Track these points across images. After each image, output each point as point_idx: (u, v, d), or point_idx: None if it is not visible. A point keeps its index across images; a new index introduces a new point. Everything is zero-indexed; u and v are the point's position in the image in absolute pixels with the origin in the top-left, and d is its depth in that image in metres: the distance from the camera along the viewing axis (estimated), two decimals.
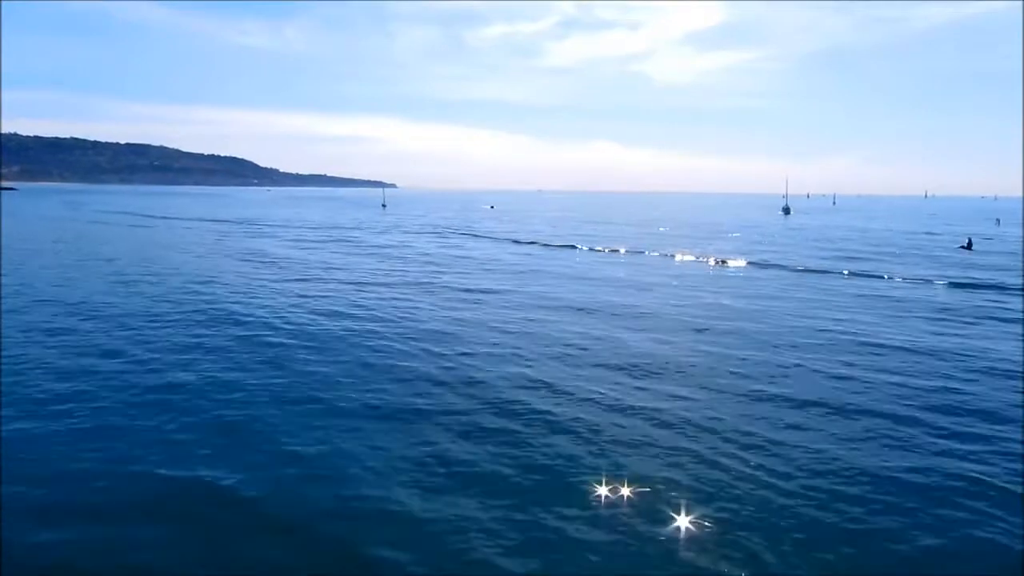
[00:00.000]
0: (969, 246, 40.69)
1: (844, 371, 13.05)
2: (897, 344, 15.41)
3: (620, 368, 13.11)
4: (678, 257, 35.74)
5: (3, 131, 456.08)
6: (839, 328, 17.11)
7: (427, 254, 36.38)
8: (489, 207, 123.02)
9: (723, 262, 33.27)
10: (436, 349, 14.47)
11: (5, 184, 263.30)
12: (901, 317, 18.89)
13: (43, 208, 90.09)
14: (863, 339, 15.90)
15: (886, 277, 27.61)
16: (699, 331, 16.84)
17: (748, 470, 8.35)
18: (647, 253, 38.15)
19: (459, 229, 59.15)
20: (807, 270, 30.26)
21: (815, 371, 13.07)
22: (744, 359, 13.92)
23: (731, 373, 12.86)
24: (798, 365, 13.50)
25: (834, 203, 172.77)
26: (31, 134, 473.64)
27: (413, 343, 15.03)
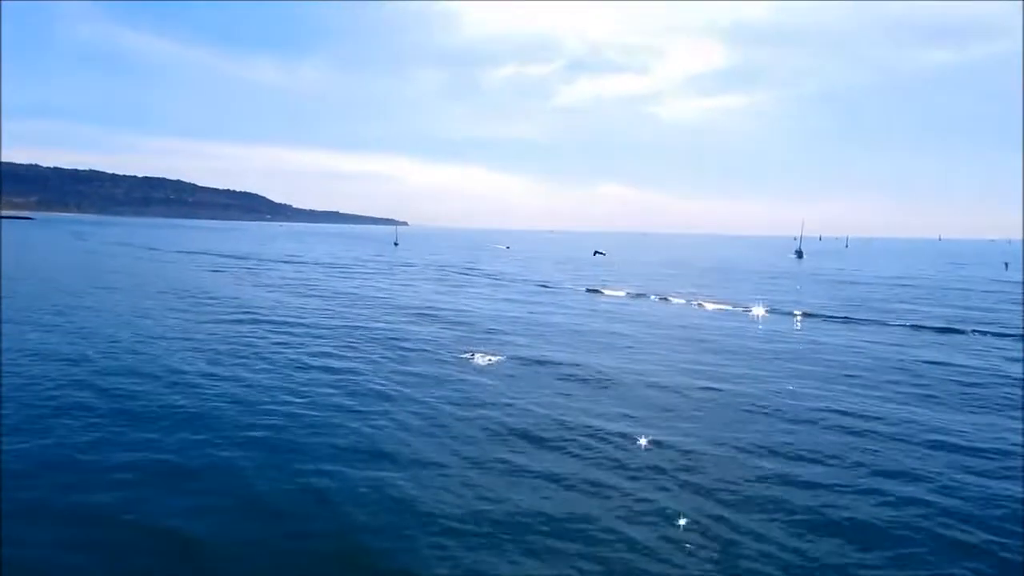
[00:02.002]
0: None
1: None
2: None
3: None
4: (756, 311, 30.61)
5: (23, 161, 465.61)
6: None
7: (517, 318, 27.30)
8: (505, 247, 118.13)
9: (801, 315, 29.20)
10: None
11: (23, 213, 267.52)
12: None
13: (49, 237, 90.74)
14: None
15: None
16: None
17: None
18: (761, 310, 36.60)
19: (511, 277, 57.96)
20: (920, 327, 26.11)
21: None
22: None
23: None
24: None
25: (847, 246, 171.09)
26: (50, 165, 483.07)
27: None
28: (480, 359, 17.78)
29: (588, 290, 38.92)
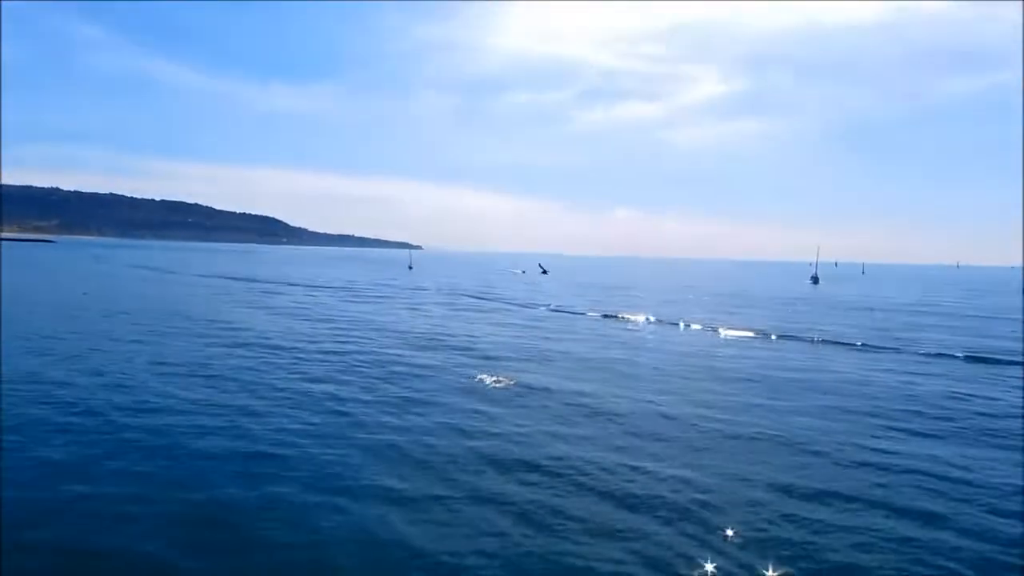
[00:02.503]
0: None
1: None
2: None
3: None
4: (773, 338, 30.47)
5: (45, 185, 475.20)
6: None
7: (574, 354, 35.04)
8: (520, 271, 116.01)
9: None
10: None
11: (45, 237, 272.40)
12: None
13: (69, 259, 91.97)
14: None
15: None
16: None
17: None
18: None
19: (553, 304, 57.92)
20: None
21: None
22: None
23: None
24: None
25: (863, 272, 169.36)
26: (72, 189, 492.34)
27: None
28: (493, 386, 17.56)
29: (604, 316, 38.73)
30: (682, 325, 35.23)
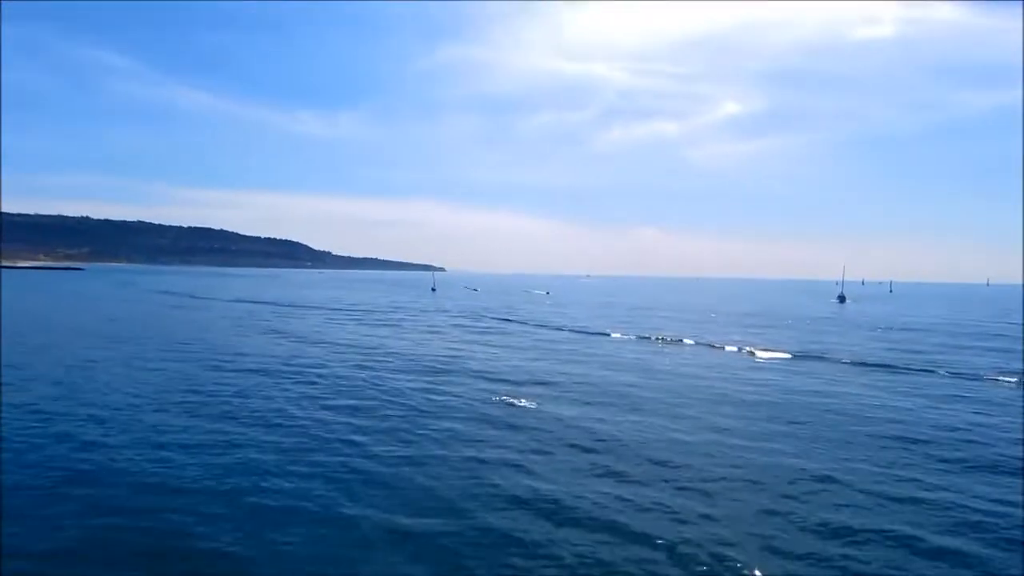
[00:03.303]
0: None
1: None
2: None
3: None
4: (803, 360, 33.29)
5: (76, 215, 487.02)
6: None
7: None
8: (545, 292, 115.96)
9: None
10: None
11: (75, 264, 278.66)
12: None
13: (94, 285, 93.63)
14: None
15: None
16: None
17: None
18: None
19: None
20: None
21: None
22: None
23: None
24: None
25: (891, 290, 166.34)
26: (101, 217, 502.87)
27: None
28: (520, 411, 17.26)
29: (640, 337, 38.35)
30: (714, 346, 34.62)
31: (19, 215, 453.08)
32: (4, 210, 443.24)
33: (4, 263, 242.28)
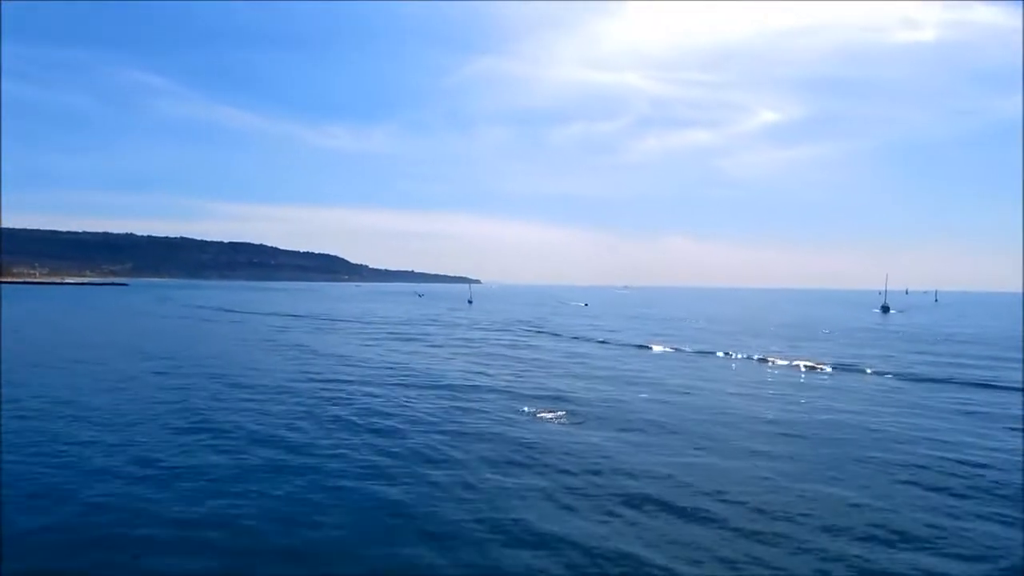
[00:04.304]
0: None
1: None
2: None
3: None
4: (854, 375, 31.26)
5: (121, 232, 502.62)
6: None
7: None
8: (583, 304, 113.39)
9: None
10: None
11: (119, 280, 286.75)
12: None
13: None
14: None
15: None
16: None
17: None
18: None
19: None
20: None
21: None
22: None
23: None
24: None
25: (936, 300, 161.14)
26: (145, 234, 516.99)
27: None
28: (558, 430, 16.78)
29: (696, 352, 36.57)
30: (757, 359, 33.41)
31: (68, 233, 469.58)
32: (57, 229, 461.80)
33: (53, 279, 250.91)
